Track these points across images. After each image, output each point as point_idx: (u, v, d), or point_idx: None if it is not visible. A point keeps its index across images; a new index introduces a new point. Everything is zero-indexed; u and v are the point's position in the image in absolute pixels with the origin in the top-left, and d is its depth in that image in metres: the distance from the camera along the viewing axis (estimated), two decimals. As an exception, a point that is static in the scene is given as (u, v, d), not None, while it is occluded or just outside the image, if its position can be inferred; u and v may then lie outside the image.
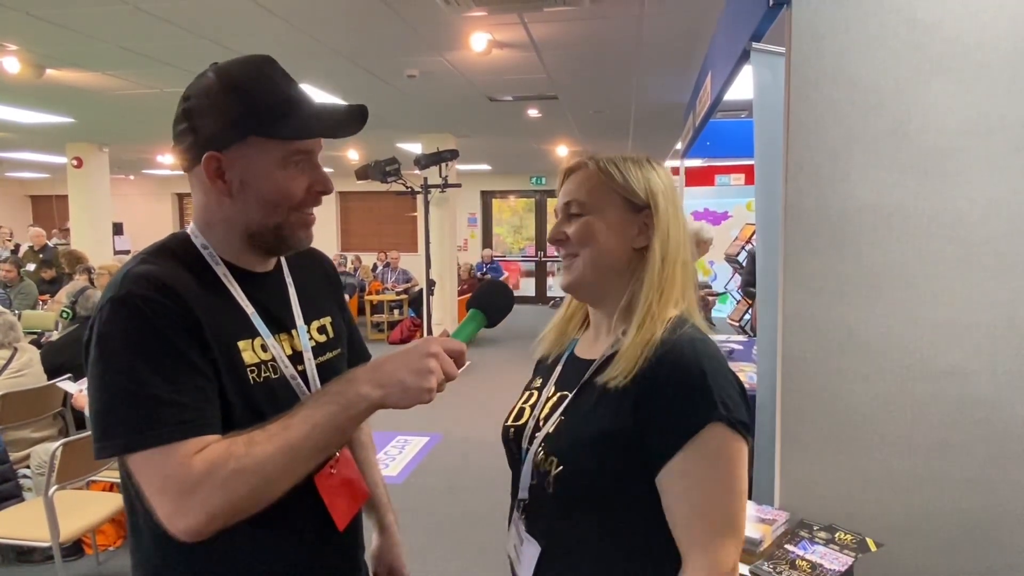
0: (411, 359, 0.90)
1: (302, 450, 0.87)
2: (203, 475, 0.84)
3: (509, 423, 1.11)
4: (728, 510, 0.91)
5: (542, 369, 1.17)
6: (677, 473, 0.91)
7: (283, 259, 1.12)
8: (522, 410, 1.11)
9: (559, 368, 1.10)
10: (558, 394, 1.05)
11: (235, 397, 0.95)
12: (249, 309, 1.01)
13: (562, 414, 1.01)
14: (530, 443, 1.03)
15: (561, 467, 0.95)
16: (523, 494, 1.03)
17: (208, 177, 0.97)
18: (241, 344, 0.98)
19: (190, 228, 1.04)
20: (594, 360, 1.03)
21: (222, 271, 1.01)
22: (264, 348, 1.00)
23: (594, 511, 0.96)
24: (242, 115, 0.95)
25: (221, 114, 0.95)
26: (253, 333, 1.00)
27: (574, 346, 1.12)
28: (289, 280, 1.11)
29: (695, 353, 0.92)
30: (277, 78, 0.98)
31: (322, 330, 1.13)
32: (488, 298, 1.06)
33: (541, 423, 1.03)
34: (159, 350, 0.88)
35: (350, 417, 0.89)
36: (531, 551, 1.01)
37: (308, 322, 1.11)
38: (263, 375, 0.99)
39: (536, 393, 1.12)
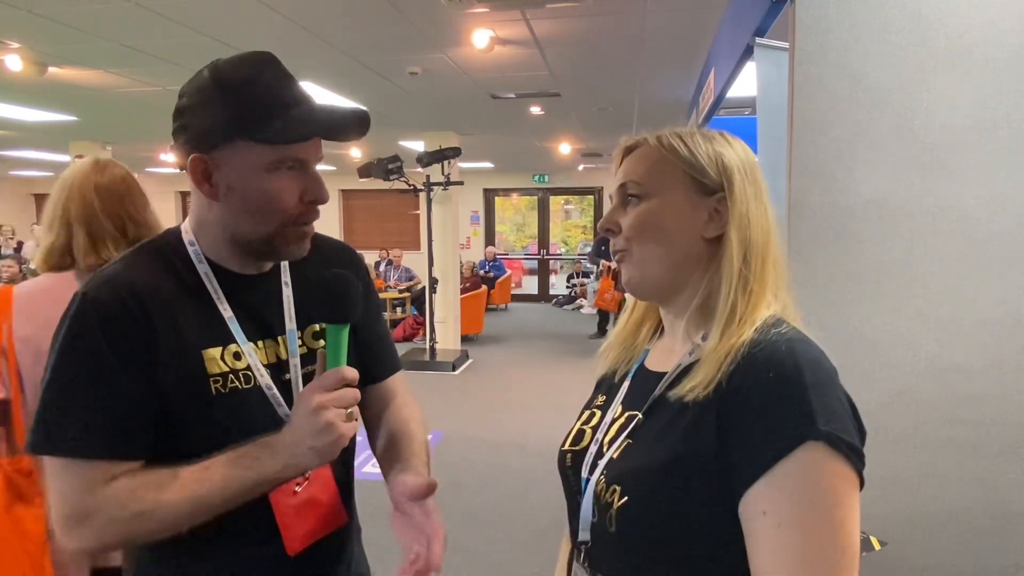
0: (305, 424, 0.88)
1: (209, 506, 0.87)
2: (103, 508, 0.84)
3: (566, 447, 0.93)
4: (822, 565, 0.66)
5: (606, 386, 0.99)
6: (758, 508, 0.69)
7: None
8: (582, 432, 0.93)
9: (627, 383, 0.92)
10: (626, 414, 0.88)
11: (192, 409, 0.92)
12: (227, 314, 0.97)
13: (629, 436, 0.84)
14: (591, 471, 0.85)
15: (626, 498, 0.78)
16: (583, 535, 0.84)
17: (194, 180, 0.94)
18: (208, 352, 0.94)
19: (184, 224, 1.01)
20: (667, 372, 0.85)
21: (204, 270, 0.97)
22: (238, 356, 0.96)
23: (668, 555, 0.77)
24: (229, 117, 0.90)
25: (209, 115, 0.91)
26: (226, 340, 0.96)
27: (645, 358, 0.94)
28: (286, 281, 1.05)
29: (793, 356, 0.73)
30: (272, 79, 0.93)
31: (320, 335, 1.06)
32: (330, 308, 0.94)
33: (605, 448, 0.86)
34: (89, 364, 0.87)
35: (262, 484, 0.89)
36: None
37: (303, 327, 1.05)
38: (230, 385, 0.94)
39: (599, 413, 0.94)
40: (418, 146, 8.43)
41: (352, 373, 0.91)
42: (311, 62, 4.86)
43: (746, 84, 2.56)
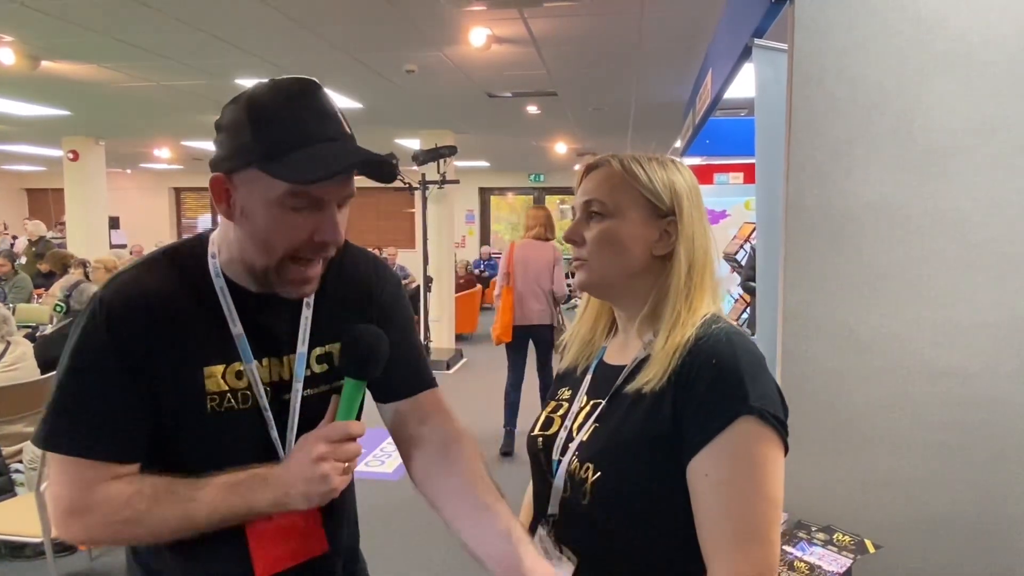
0: (303, 469, 0.89)
1: (197, 524, 0.89)
2: (96, 508, 0.88)
3: (536, 432, 1.05)
4: (754, 515, 0.84)
5: (569, 379, 1.09)
6: (702, 471, 0.85)
7: None
8: (550, 419, 1.05)
9: (589, 377, 1.04)
10: (591, 402, 0.99)
11: (185, 424, 0.93)
12: (236, 331, 0.95)
13: (596, 421, 0.96)
14: (563, 454, 0.97)
15: (599, 474, 0.90)
16: (552, 509, 0.97)
17: (214, 197, 0.92)
18: (209, 370, 0.93)
19: (213, 234, 1.00)
20: (624, 365, 0.98)
21: (220, 285, 0.96)
22: (240, 375, 0.95)
23: (633, 521, 0.91)
24: (248, 143, 0.87)
25: (233, 138, 0.90)
26: (231, 358, 0.95)
27: (603, 353, 1.06)
28: (308, 303, 1.01)
29: (731, 346, 0.88)
30: (302, 110, 0.89)
31: (324, 359, 1.03)
32: (356, 360, 0.96)
33: (575, 433, 0.98)
34: (95, 368, 0.89)
35: (250, 514, 0.91)
36: (564, 569, 0.95)
37: (311, 349, 1.02)
38: (226, 405, 0.94)
39: (566, 404, 1.05)
40: (414, 144, 8.40)
41: (358, 429, 0.94)
42: (307, 59, 4.85)
43: (744, 85, 2.56)
